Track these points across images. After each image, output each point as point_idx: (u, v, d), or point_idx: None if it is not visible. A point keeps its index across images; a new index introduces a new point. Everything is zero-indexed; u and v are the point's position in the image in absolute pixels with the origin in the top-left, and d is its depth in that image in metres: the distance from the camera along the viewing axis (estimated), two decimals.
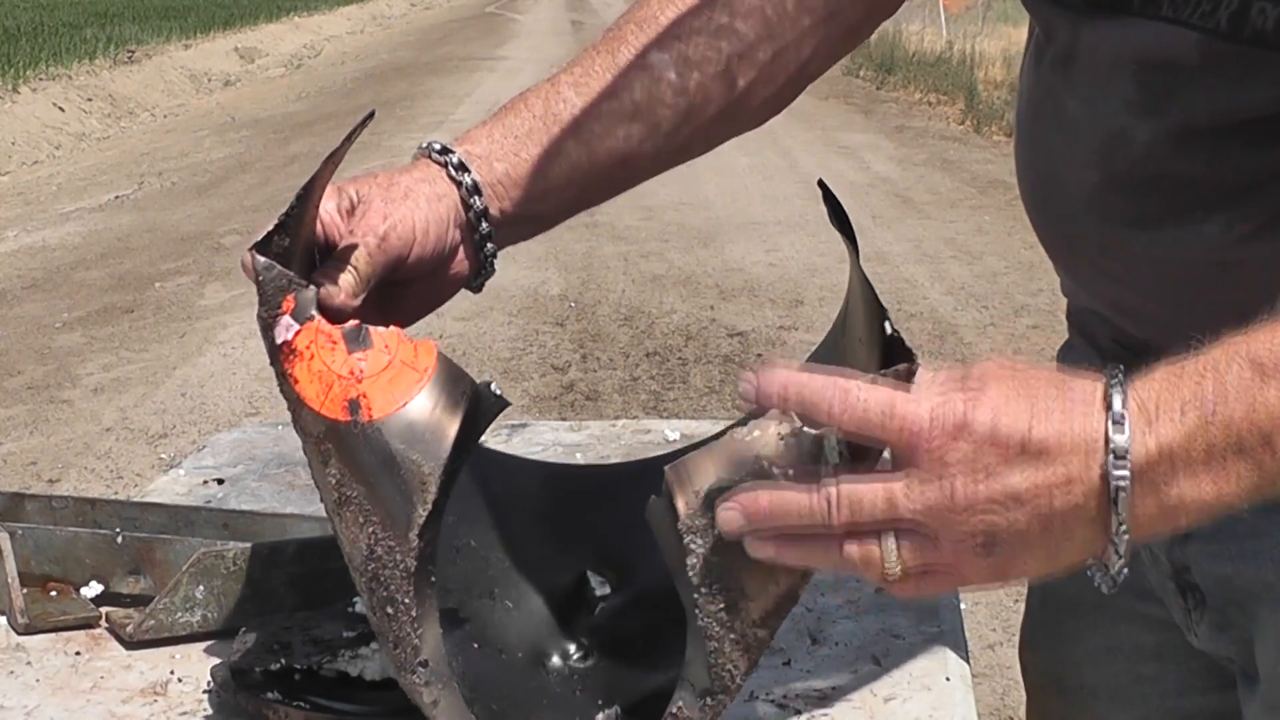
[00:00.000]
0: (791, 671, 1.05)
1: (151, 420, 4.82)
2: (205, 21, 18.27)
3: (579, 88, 1.07)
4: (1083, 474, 0.73)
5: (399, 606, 0.85)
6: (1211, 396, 0.72)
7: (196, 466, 1.50)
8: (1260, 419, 0.72)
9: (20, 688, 1.06)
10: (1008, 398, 0.74)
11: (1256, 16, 0.87)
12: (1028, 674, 1.30)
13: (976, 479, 0.73)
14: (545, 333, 5.56)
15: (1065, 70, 1.00)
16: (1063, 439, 0.73)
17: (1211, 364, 0.73)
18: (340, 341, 0.85)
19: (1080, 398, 0.74)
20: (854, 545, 0.76)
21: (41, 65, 12.73)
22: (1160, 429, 0.73)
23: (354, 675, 1.00)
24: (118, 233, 7.76)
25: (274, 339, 0.86)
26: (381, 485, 0.84)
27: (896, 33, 14.69)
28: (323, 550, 1.12)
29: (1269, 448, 0.72)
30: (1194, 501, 0.74)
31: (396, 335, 0.86)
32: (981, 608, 3.24)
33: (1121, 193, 0.97)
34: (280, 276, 0.87)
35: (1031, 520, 0.74)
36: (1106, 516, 0.73)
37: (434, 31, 21.92)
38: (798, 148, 9.54)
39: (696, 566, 0.80)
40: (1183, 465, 0.73)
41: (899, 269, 6.31)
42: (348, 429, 0.84)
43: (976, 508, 0.73)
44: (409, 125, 11.16)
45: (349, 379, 0.85)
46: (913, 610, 1.14)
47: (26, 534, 1.17)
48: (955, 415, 0.73)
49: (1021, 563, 0.76)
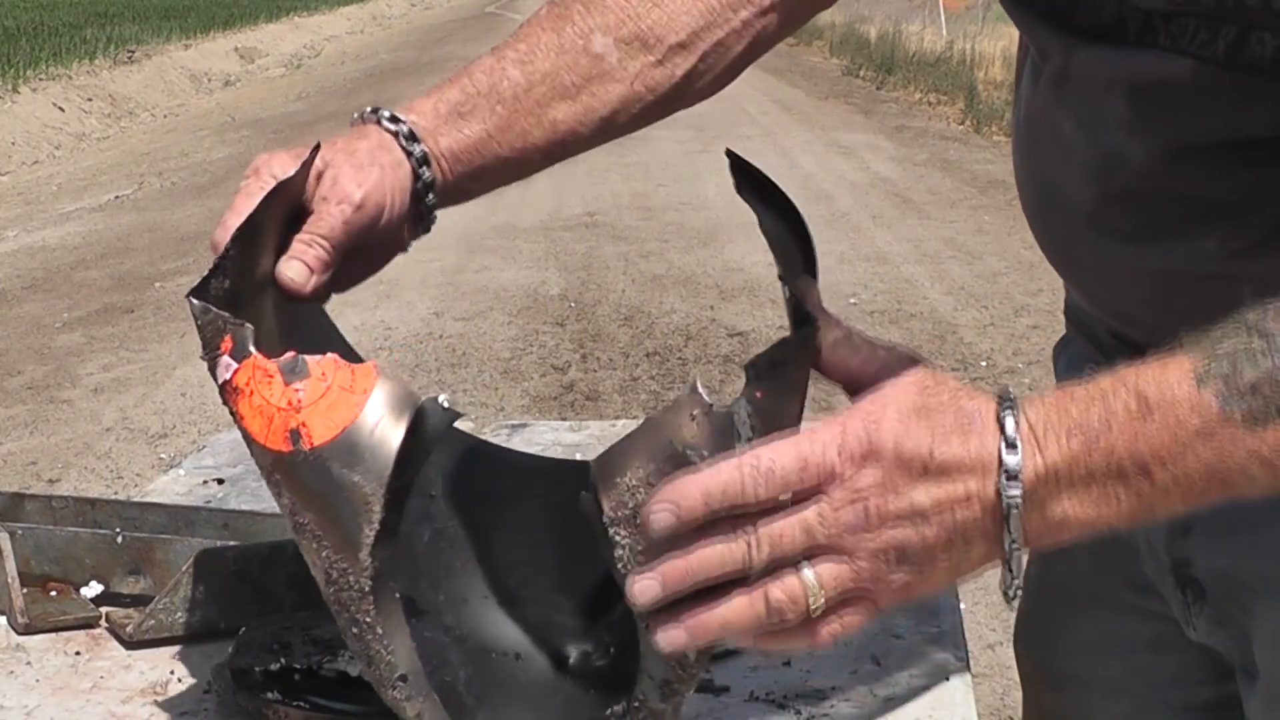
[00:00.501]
0: (791, 671, 1.05)
1: (151, 420, 4.82)
2: (205, 21, 18.28)
3: (523, 65, 1.08)
4: (980, 491, 0.77)
5: (363, 626, 0.87)
6: (1097, 424, 0.76)
7: (196, 466, 1.50)
8: (1140, 450, 0.76)
9: (20, 688, 1.06)
10: (908, 420, 0.77)
11: (1254, 45, 0.88)
12: (1022, 666, 1.30)
13: (887, 498, 0.77)
14: (545, 333, 5.56)
15: (1059, 89, 1.01)
16: (962, 459, 0.77)
17: (1100, 393, 0.77)
18: (277, 374, 0.87)
19: (977, 420, 0.78)
20: (776, 586, 0.78)
21: (41, 65, 12.73)
22: (1047, 452, 0.77)
23: (354, 675, 1.00)
24: (118, 233, 7.76)
25: (217, 380, 0.89)
26: (329, 510, 0.86)
27: (896, 33, 14.70)
28: None
29: (1147, 477, 0.77)
30: (1076, 519, 0.78)
31: (333, 362, 0.88)
32: (981, 608, 3.24)
33: (1119, 208, 0.98)
34: (216, 319, 0.89)
35: (938, 533, 0.77)
36: (1000, 531, 0.77)
37: (434, 31, 21.92)
38: (798, 148, 9.54)
39: (625, 559, 0.80)
40: (1066, 486, 0.77)
41: (899, 269, 6.31)
42: (291, 458, 0.86)
43: (888, 523, 0.77)
44: None
45: (288, 410, 0.86)
46: (913, 610, 1.14)
47: (26, 534, 1.17)
48: (861, 444, 0.77)
49: (929, 575, 0.79)
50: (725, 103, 12.14)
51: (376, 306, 5.89)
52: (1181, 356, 0.77)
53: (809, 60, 16.15)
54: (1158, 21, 0.92)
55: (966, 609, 1.21)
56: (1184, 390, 0.76)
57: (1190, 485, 0.77)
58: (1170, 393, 0.76)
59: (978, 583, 3.09)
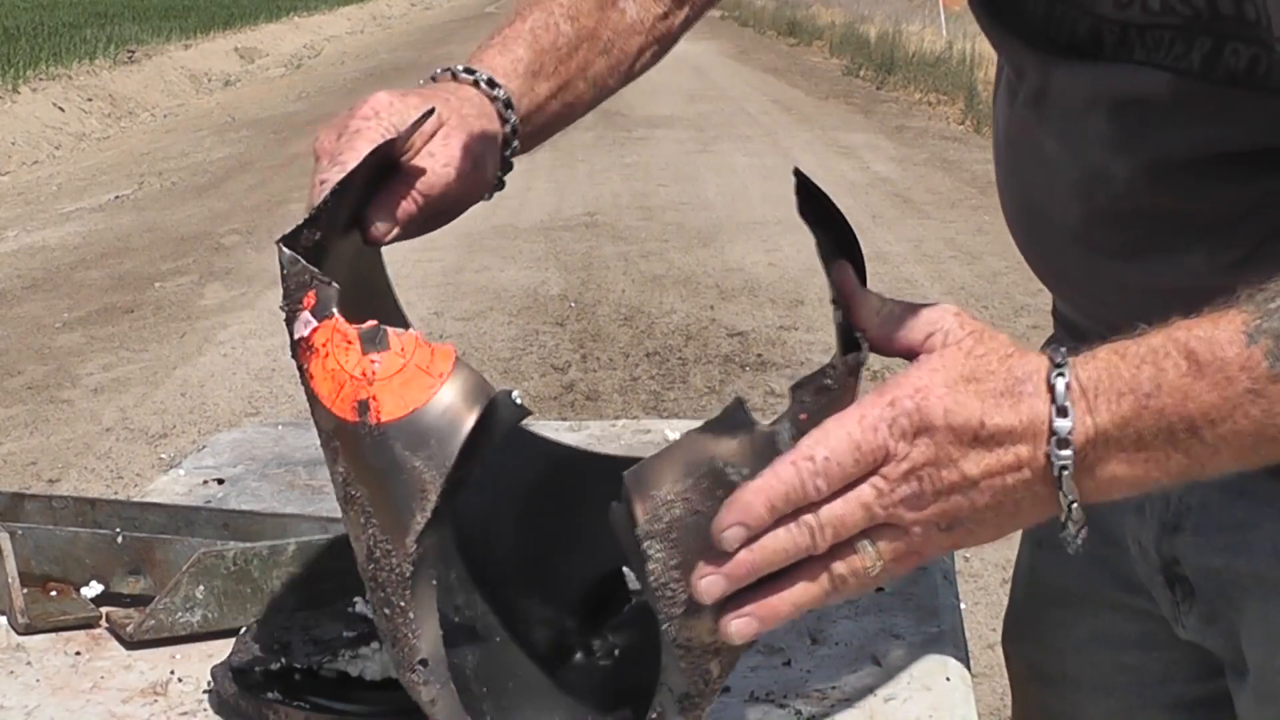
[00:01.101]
0: (791, 671, 1.05)
1: (151, 420, 4.82)
2: (205, 21, 18.28)
3: (572, 21, 1.12)
4: (1031, 457, 0.78)
5: (395, 609, 0.86)
6: (1147, 386, 0.77)
7: (196, 466, 1.50)
8: (1190, 411, 0.76)
9: (20, 688, 1.06)
10: (956, 389, 0.78)
11: (1229, 56, 0.88)
12: (1011, 664, 1.30)
13: (941, 471, 0.78)
14: (545, 333, 5.56)
15: (1039, 108, 1.01)
16: (1013, 426, 0.77)
17: (1151, 351, 0.77)
18: (356, 342, 0.85)
19: (1028, 385, 0.78)
20: (840, 564, 0.79)
21: (41, 65, 12.73)
22: (1098, 414, 0.77)
23: (354, 675, 1.00)
24: (118, 233, 7.76)
25: (293, 334, 0.87)
26: (383, 488, 0.84)
27: (896, 33, 14.70)
28: (323, 550, 1.12)
29: (1196, 437, 0.77)
30: (1126, 479, 0.79)
31: (414, 339, 0.86)
32: (981, 608, 3.24)
33: (1104, 225, 0.99)
34: (303, 271, 0.87)
35: (989, 498, 0.79)
36: (1052, 492, 0.78)
37: (434, 31, 21.92)
38: (798, 148, 9.54)
39: (657, 573, 0.80)
40: (1116, 448, 0.78)
41: (899, 269, 6.31)
42: (355, 429, 0.84)
43: (941, 495, 0.78)
44: None
45: (360, 380, 0.84)
46: (913, 610, 1.14)
47: (26, 534, 1.17)
48: (912, 420, 0.77)
49: (977, 536, 0.81)
50: (725, 103, 12.17)
51: None
52: (1234, 312, 0.77)
53: (809, 60, 16.15)
54: (1133, 34, 0.92)
55: (966, 609, 1.21)
56: (1234, 350, 0.76)
57: (1240, 443, 0.77)
58: (1221, 352, 0.76)
59: (978, 583, 3.14)
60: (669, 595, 0.80)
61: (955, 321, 0.82)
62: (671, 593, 0.80)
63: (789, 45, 18.12)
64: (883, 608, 1.14)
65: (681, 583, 0.80)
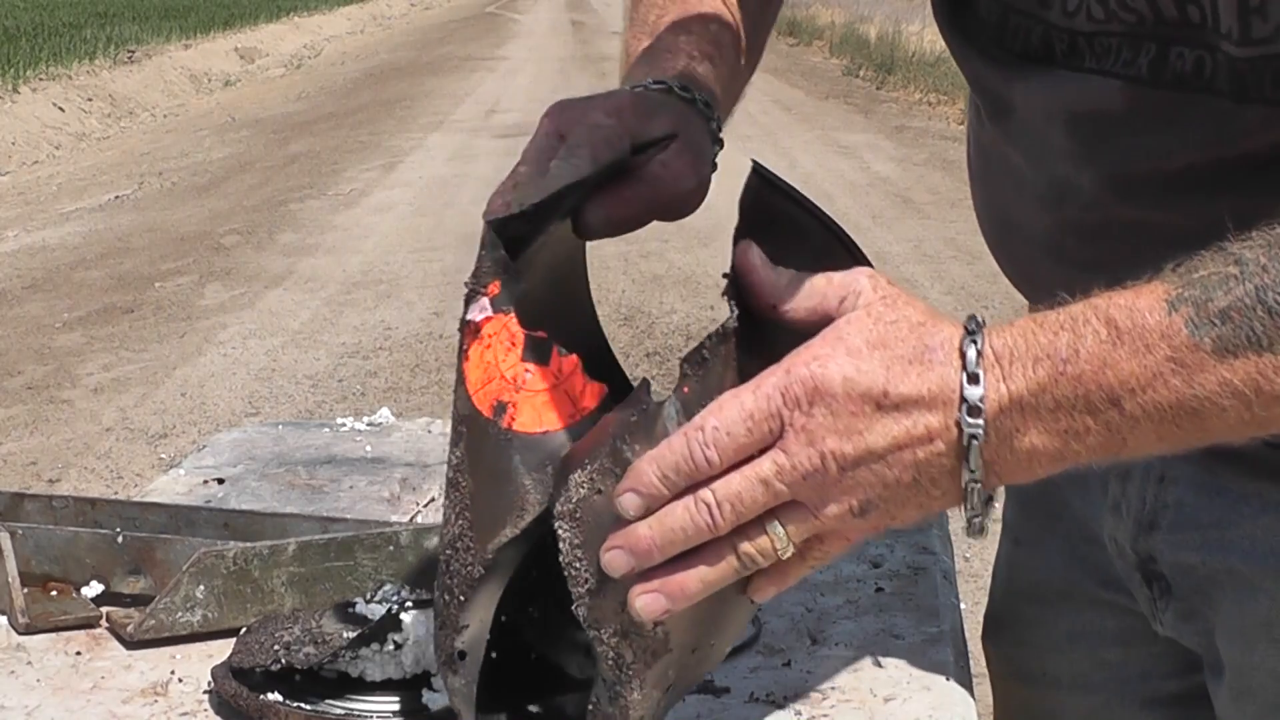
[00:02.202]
0: (791, 671, 1.05)
1: (151, 420, 4.82)
2: (205, 21, 18.27)
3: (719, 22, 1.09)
4: (942, 426, 0.75)
5: (453, 598, 0.86)
6: (1065, 352, 0.74)
7: (196, 466, 1.50)
8: (1109, 379, 0.74)
9: (20, 688, 1.06)
10: (860, 355, 0.75)
11: (1175, 60, 0.88)
12: (991, 663, 1.31)
13: (841, 441, 0.75)
14: None
15: (1004, 123, 1.02)
16: (920, 394, 0.75)
17: (1070, 319, 0.75)
18: (519, 346, 0.86)
19: (938, 351, 0.75)
20: (746, 542, 0.77)
21: (41, 65, 12.73)
22: (1012, 381, 0.74)
23: (354, 676, 1.00)
24: (118, 233, 7.76)
25: (466, 313, 0.88)
26: (488, 490, 0.85)
27: (896, 33, 14.69)
28: (323, 550, 1.12)
29: (1116, 406, 0.74)
30: (1045, 451, 0.75)
31: (573, 365, 0.87)
32: (981, 608, 3.23)
33: (1074, 237, 0.99)
34: (500, 260, 0.87)
35: (900, 474, 0.75)
36: (962, 465, 0.75)
37: (434, 31, 21.92)
38: (798, 148, 9.55)
39: (564, 552, 0.80)
40: (1032, 416, 0.75)
41: (899, 269, 6.31)
42: (485, 425, 0.85)
43: (846, 469, 0.75)
44: (409, 125, 11.17)
45: (509, 384, 0.86)
46: (913, 610, 1.14)
47: (26, 534, 1.17)
48: (806, 386, 0.75)
49: (897, 516, 0.78)
50: None
51: (376, 306, 5.89)
52: (1156, 283, 0.75)
53: (809, 60, 16.15)
54: (1082, 42, 0.93)
55: (966, 609, 1.20)
56: (1155, 317, 0.74)
57: (1161, 417, 0.74)
58: (1141, 319, 0.74)
59: (977, 583, 3.13)
60: (574, 574, 0.81)
61: (869, 284, 0.79)
62: (576, 571, 0.80)
63: (789, 45, 18.12)
64: (883, 608, 1.15)
65: (584, 561, 0.80)
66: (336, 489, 1.43)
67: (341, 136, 10.81)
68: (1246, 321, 0.73)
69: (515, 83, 13.55)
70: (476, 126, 10.74)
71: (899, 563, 1.22)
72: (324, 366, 5.25)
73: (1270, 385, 0.74)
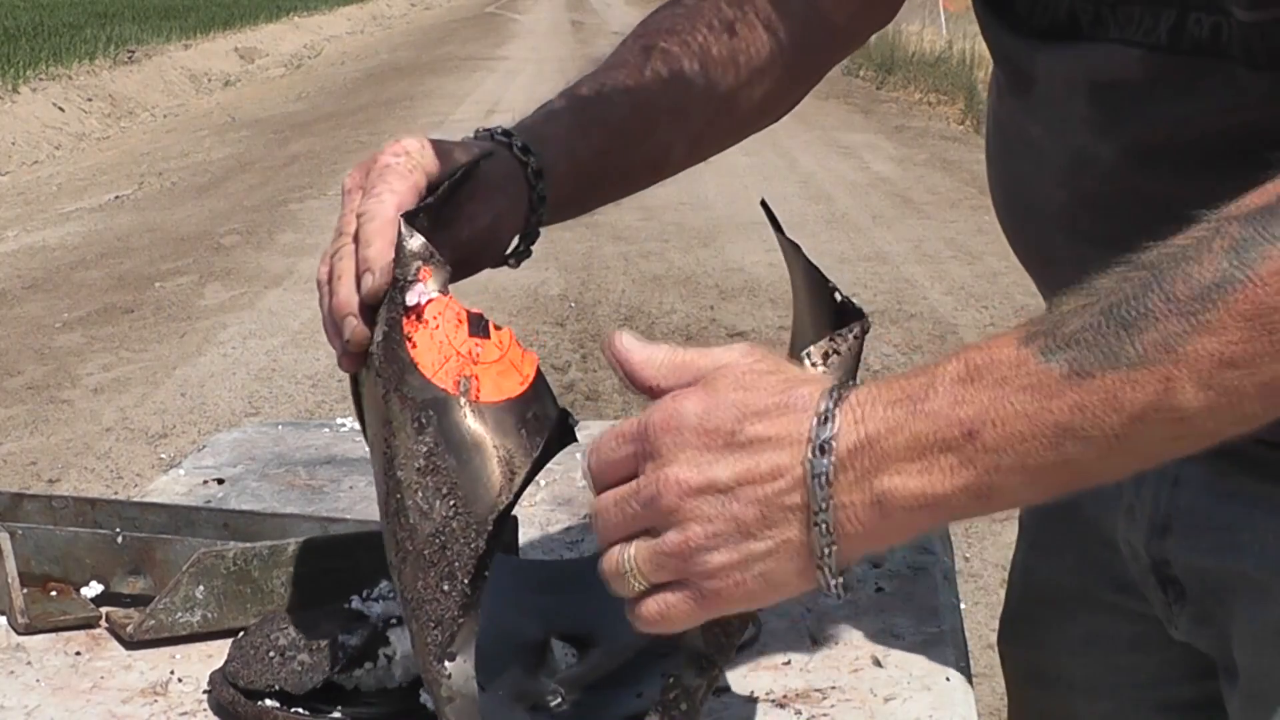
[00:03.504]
0: (791, 671, 1.05)
1: (151, 420, 4.82)
2: (205, 21, 18.27)
3: (629, 94, 1.10)
4: (789, 464, 0.75)
5: (456, 584, 0.86)
6: (920, 392, 0.74)
7: (196, 466, 1.50)
8: (965, 413, 0.73)
9: (20, 688, 1.06)
10: (720, 394, 0.76)
11: (1193, 26, 0.89)
12: (1006, 665, 1.31)
13: (686, 468, 0.75)
14: (545, 333, 5.56)
15: (1025, 96, 1.02)
16: (770, 434, 0.75)
17: (929, 366, 0.76)
18: (465, 323, 0.90)
19: (798, 398, 0.76)
20: (603, 559, 0.79)
21: (41, 65, 12.73)
22: (868, 422, 0.74)
23: (349, 690, 1.00)
24: (118, 233, 7.76)
25: (404, 301, 0.90)
26: (472, 463, 0.87)
27: (896, 33, 14.69)
28: (323, 550, 1.12)
29: (973, 441, 0.73)
30: (905, 494, 0.74)
31: (510, 336, 0.91)
32: (981, 608, 3.24)
33: (1091, 212, 0.99)
34: (425, 248, 0.91)
35: (744, 509, 0.75)
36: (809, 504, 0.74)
37: (434, 31, 21.92)
38: (798, 148, 9.54)
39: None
40: (888, 455, 0.74)
41: (899, 269, 6.31)
42: (453, 402, 0.87)
43: (688, 496, 0.75)
44: (409, 125, 11.16)
45: (466, 358, 0.89)
46: (913, 610, 1.14)
47: (26, 534, 1.17)
48: (665, 414, 0.77)
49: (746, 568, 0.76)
50: None
51: None
52: (1014, 328, 0.76)
53: None
54: (1106, 12, 0.94)
55: (966, 609, 1.21)
56: (1008, 352, 0.74)
57: (1022, 449, 0.72)
58: (996, 355, 0.74)
59: (978, 583, 3.14)
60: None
61: (746, 350, 0.79)
62: None
63: None
64: (883, 608, 1.15)
65: None
66: (336, 489, 1.43)
67: (342, 136, 10.81)
68: (1100, 339, 0.72)
69: (515, 83, 13.55)
70: (477, 126, 10.74)
71: (899, 562, 1.22)
72: (324, 366, 5.25)
73: (1130, 401, 0.72)
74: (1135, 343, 0.71)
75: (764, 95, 1.15)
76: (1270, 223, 0.72)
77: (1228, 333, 0.71)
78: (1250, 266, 0.71)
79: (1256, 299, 0.70)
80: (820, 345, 0.82)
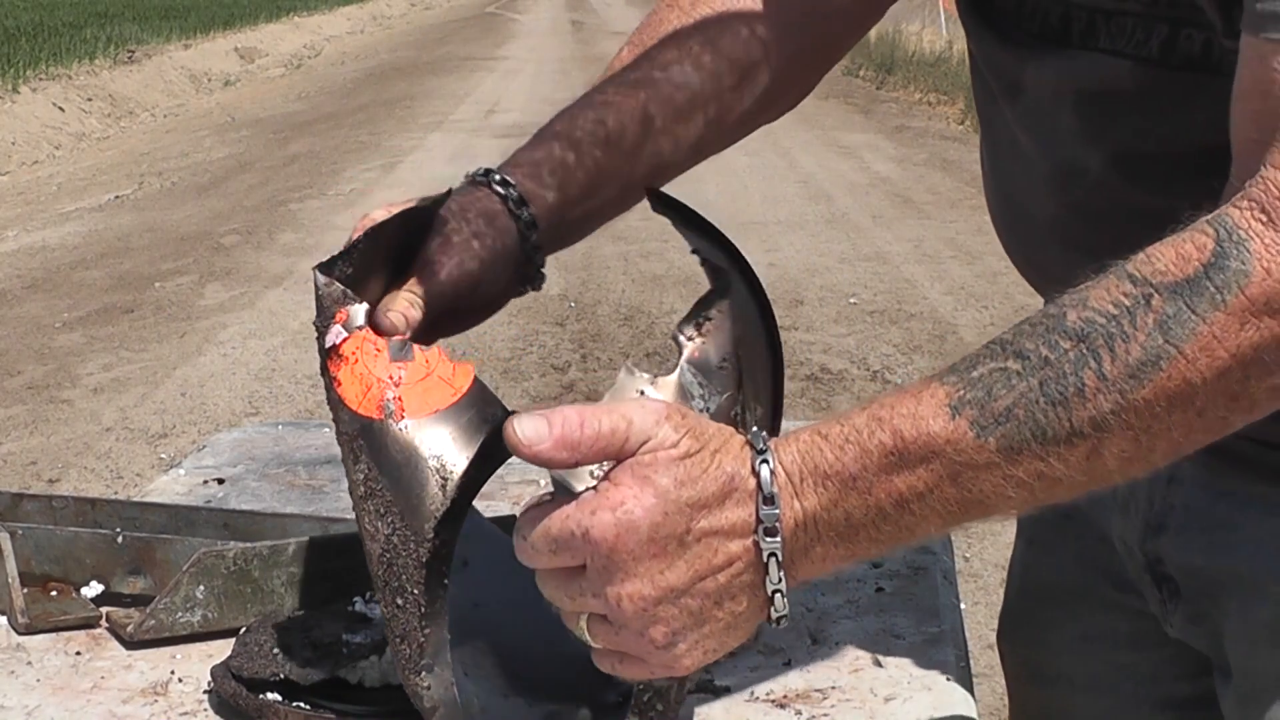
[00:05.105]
0: (791, 671, 1.05)
1: (151, 420, 4.82)
2: (205, 21, 18.27)
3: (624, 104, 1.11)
4: (741, 550, 0.78)
5: (408, 597, 0.89)
6: (852, 468, 0.77)
7: (196, 466, 1.50)
8: (897, 488, 0.77)
9: (20, 688, 1.06)
10: (668, 496, 0.77)
11: (1185, 42, 0.90)
12: (1006, 663, 1.31)
13: (642, 583, 0.77)
14: (545, 333, 5.56)
15: (1013, 104, 1.03)
16: (720, 525, 0.77)
17: (855, 432, 0.78)
18: (384, 351, 0.92)
19: (737, 482, 0.78)
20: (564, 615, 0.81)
21: (41, 65, 12.73)
22: (805, 498, 0.77)
23: (352, 684, 1.00)
24: (118, 233, 7.76)
25: (323, 344, 0.93)
26: (404, 479, 0.89)
27: (896, 33, 14.69)
28: (323, 550, 1.12)
29: (905, 511, 0.77)
30: (840, 555, 0.79)
31: (438, 353, 0.92)
32: (981, 608, 3.24)
33: (1080, 221, 0.99)
34: (338, 292, 0.93)
35: (703, 603, 0.78)
36: (763, 579, 0.78)
37: (434, 31, 21.92)
38: (797, 148, 9.54)
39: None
40: (825, 530, 0.78)
41: (899, 269, 6.31)
42: (380, 426, 0.90)
43: (647, 608, 0.77)
44: (409, 125, 11.16)
45: (387, 382, 0.91)
46: (913, 610, 1.14)
47: (26, 534, 1.17)
48: (608, 531, 0.77)
49: (704, 644, 0.80)
50: None
51: None
52: (936, 386, 0.78)
53: None
54: (1100, 21, 0.94)
55: (966, 609, 1.21)
56: (939, 423, 0.76)
57: (949, 512, 0.78)
58: (925, 427, 0.76)
59: (978, 583, 3.13)
60: None
61: (668, 424, 0.79)
62: None
63: None
64: (883, 608, 1.15)
65: None
66: (336, 489, 1.43)
67: (341, 136, 10.81)
68: (1030, 416, 0.76)
69: (515, 83, 13.55)
70: (477, 126, 10.73)
71: (899, 562, 1.22)
72: None
73: (1053, 471, 0.77)
74: (1067, 420, 0.76)
75: (762, 94, 1.16)
76: (1196, 298, 0.75)
77: (1153, 409, 0.75)
78: (1179, 344, 0.75)
79: (1184, 377, 0.75)
80: (690, 318, 0.86)
